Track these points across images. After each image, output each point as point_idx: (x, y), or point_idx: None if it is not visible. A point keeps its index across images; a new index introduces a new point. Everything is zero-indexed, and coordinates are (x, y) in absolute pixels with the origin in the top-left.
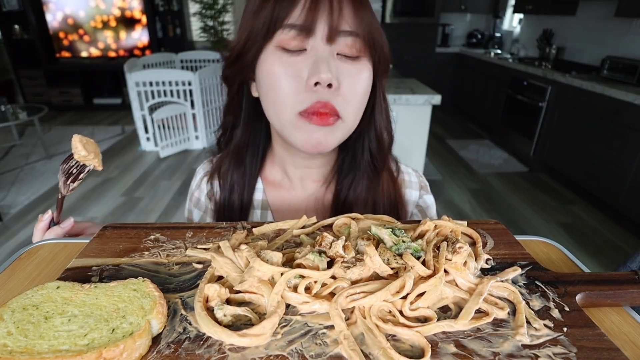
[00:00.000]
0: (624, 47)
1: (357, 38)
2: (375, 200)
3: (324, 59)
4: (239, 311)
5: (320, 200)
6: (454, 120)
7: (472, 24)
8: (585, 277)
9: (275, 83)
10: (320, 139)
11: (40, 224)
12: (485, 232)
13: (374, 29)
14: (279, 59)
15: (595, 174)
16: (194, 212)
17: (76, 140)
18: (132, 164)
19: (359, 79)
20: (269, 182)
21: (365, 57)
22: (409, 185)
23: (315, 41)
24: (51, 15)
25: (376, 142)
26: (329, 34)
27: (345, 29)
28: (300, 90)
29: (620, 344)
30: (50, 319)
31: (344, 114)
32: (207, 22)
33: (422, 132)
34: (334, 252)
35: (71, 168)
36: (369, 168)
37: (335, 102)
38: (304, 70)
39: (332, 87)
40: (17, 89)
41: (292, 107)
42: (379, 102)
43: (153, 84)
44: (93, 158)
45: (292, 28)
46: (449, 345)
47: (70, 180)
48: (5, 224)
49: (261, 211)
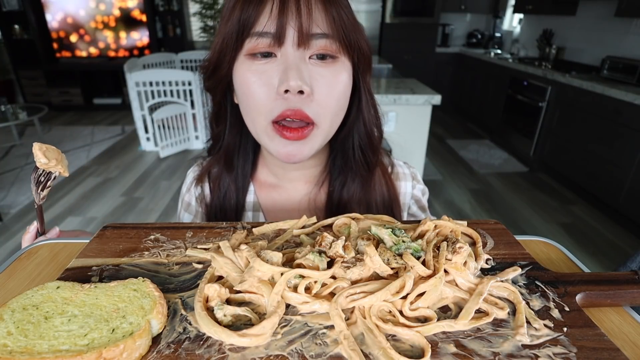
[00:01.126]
0: (624, 47)
1: (331, 39)
2: (368, 199)
3: (294, 65)
4: (239, 311)
5: (313, 201)
6: (454, 120)
7: (472, 24)
8: (585, 277)
9: (247, 92)
10: (293, 151)
11: (27, 235)
12: (485, 232)
13: (348, 28)
14: (249, 68)
15: (595, 174)
16: (185, 216)
17: (35, 148)
18: (132, 164)
19: (335, 82)
20: (260, 184)
21: (342, 58)
22: (403, 177)
23: (286, 47)
24: (51, 15)
25: (366, 138)
26: (299, 39)
27: (316, 31)
28: (272, 97)
29: (620, 344)
30: (50, 319)
31: (319, 120)
32: (207, 22)
33: (422, 132)
34: (334, 252)
35: (39, 177)
36: (362, 166)
37: (307, 109)
38: (274, 78)
39: (305, 94)
40: (17, 89)
41: (265, 115)
42: (365, 99)
43: (153, 84)
44: (55, 165)
45: (260, 36)
46: (449, 345)
47: (39, 189)
48: (5, 224)
49: (253, 213)
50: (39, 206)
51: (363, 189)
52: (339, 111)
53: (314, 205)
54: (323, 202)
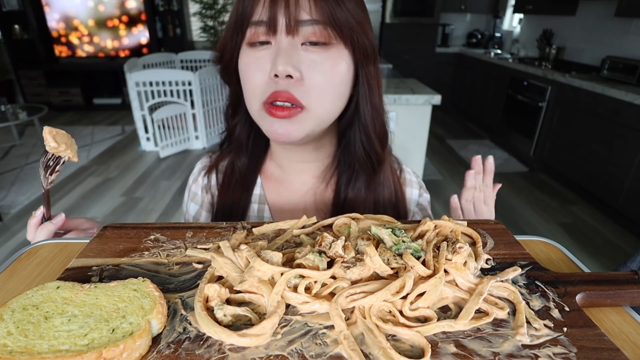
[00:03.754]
0: (624, 47)
1: (321, 25)
2: (375, 199)
3: (284, 50)
4: (239, 311)
5: (320, 196)
6: (454, 120)
7: (472, 24)
8: (585, 277)
9: (245, 77)
10: (279, 130)
11: (32, 220)
12: (485, 232)
13: (342, 15)
14: (247, 55)
15: (595, 174)
16: (191, 205)
17: (46, 132)
18: (132, 164)
19: (327, 67)
20: (267, 177)
21: (338, 45)
22: (410, 184)
23: (279, 35)
24: (51, 15)
25: (364, 134)
26: (288, 26)
27: (304, 18)
28: (265, 81)
29: (620, 344)
30: (50, 319)
31: (308, 103)
32: (207, 22)
33: (422, 132)
34: (334, 252)
35: (48, 161)
36: (366, 164)
37: (296, 92)
38: (267, 64)
39: (294, 79)
40: (17, 89)
41: (258, 97)
42: (363, 93)
43: (153, 84)
44: (65, 149)
45: (257, 25)
46: (449, 345)
47: (48, 173)
48: (5, 224)
49: (258, 205)
50: (46, 191)
51: (369, 188)
52: (333, 98)
53: (321, 201)
54: (329, 198)
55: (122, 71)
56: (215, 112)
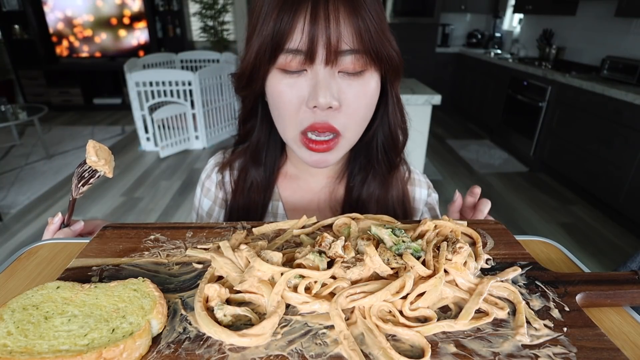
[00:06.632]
0: (624, 47)
1: (359, 55)
2: (386, 198)
3: (323, 81)
4: (239, 311)
5: (333, 194)
6: (454, 120)
7: (472, 24)
8: (585, 277)
9: (279, 103)
10: (319, 160)
11: (51, 226)
12: (485, 232)
13: (377, 41)
14: (281, 81)
15: (595, 174)
16: (204, 201)
17: (90, 145)
18: (132, 164)
19: (363, 92)
20: (282, 174)
21: (371, 69)
22: (419, 184)
23: (316, 64)
24: (51, 15)
25: (390, 140)
26: (327, 56)
27: (344, 48)
28: (302, 110)
29: (620, 344)
30: (50, 319)
31: (345, 130)
32: (207, 22)
33: (422, 132)
34: (334, 252)
35: (84, 172)
36: (384, 166)
37: (334, 121)
38: (304, 90)
39: (333, 108)
40: (17, 89)
41: (295, 126)
42: (392, 103)
43: (153, 84)
44: (104, 164)
45: (292, 53)
46: (449, 345)
47: (81, 183)
48: (5, 224)
49: (272, 202)
50: (73, 199)
51: (382, 188)
52: (365, 119)
53: (334, 198)
54: (341, 196)
55: (122, 71)
56: (215, 112)
